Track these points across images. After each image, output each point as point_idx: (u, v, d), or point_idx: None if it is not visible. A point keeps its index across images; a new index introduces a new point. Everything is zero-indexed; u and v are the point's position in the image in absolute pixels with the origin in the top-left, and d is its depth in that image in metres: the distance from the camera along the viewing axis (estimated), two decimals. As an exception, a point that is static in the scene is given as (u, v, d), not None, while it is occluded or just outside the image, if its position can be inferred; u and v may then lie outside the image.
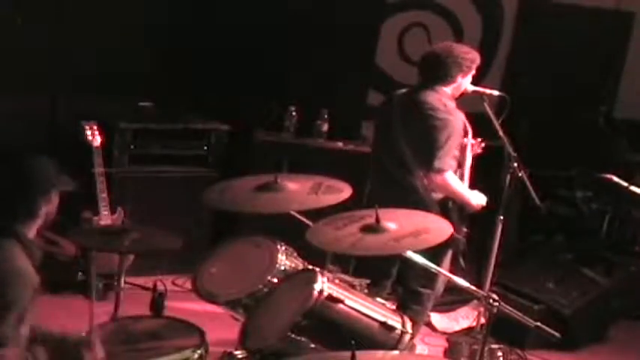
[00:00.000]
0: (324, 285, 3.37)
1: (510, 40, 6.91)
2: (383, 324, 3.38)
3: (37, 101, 5.67)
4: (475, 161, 4.69)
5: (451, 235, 3.67)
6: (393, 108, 4.60)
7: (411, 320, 3.54)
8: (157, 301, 3.81)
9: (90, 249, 4.37)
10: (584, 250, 6.20)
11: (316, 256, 3.80)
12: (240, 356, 3.40)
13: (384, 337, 3.35)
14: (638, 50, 7.07)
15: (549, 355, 5.05)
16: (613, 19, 7.01)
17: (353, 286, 3.65)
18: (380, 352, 2.93)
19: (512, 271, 5.65)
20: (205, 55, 6.03)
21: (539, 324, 3.49)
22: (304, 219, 3.76)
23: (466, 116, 4.55)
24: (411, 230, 3.45)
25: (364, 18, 6.43)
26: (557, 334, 3.49)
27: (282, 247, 3.86)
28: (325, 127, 6.04)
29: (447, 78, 4.49)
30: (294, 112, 6.02)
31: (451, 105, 4.47)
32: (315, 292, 3.33)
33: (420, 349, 4.67)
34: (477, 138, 4.67)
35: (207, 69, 6.03)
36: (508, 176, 4.53)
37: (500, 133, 4.50)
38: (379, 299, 3.65)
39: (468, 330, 5.22)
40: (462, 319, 5.49)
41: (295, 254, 3.90)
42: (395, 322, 3.41)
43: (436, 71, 4.49)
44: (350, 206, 3.73)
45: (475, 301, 5.28)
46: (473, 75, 4.60)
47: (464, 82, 4.56)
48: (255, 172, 4.25)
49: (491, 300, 3.45)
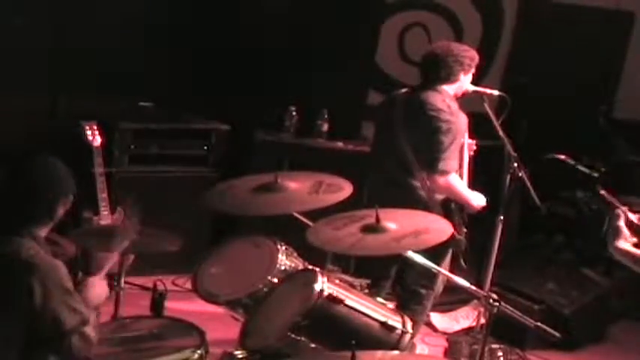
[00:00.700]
0: (324, 285, 3.37)
1: (510, 40, 6.90)
2: (383, 324, 3.38)
3: (37, 101, 5.67)
4: (474, 161, 4.69)
5: (452, 235, 3.67)
6: (394, 108, 4.58)
7: (411, 320, 3.54)
8: (157, 301, 3.81)
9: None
10: (584, 250, 6.20)
11: (316, 256, 3.80)
12: (240, 356, 3.40)
13: (384, 337, 3.35)
14: (638, 50, 7.06)
15: (549, 355, 5.05)
16: (613, 19, 7.01)
17: (353, 286, 3.65)
18: (380, 352, 2.92)
19: (512, 271, 5.64)
20: (205, 55, 6.03)
21: (539, 324, 3.49)
22: (304, 219, 3.76)
23: (466, 116, 4.55)
24: (411, 230, 3.45)
25: (364, 18, 6.43)
26: (557, 334, 3.49)
27: (282, 247, 3.85)
28: (325, 127, 6.04)
29: (449, 77, 4.48)
30: (294, 112, 6.02)
31: (454, 106, 4.46)
32: (315, 292, 3.33)
33: (420, 349, 4.67)
34: (471, 140, 4.67)
35: (207, 69, 6.03)
36: (508, 176, 4.53)
37: (500, 133, 4.50)
38: (379, 299, 3.65)
39: (468, 330, 5.22)
40: (462, 319, 5.49)
41: (295, 254, 3.90)
42: (395, 322, 3.41)
43: (438, 71, 4.48)
44: (350, 206, 3.73)
45: (475, 301, 5.27)
46: (472, 74, 4.60)
47: (465, 81, 4.55)
48: (255, 172, 4.25)
49: (491, 300, 3.45)
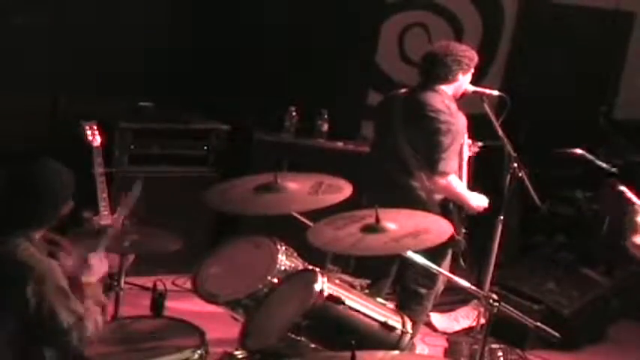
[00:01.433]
0: (324, 285, 3.37)
1: (510, 40, 6.90)
2: (383, 324, 3.38)
3: (37, 101, 5.67)
4: (474, 162, 4.69)
5: (451, 236, 3.67)
6: (393, 108, 4.58)
7: (411, 320, 3.55)
8: (157, 301, 3.81)
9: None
10: (584, 250, 6.19)
11: (316, 256, 3.80)
12: (240, 356, 3.40)
13: (384, 337, 3.35)
14: (638, 50, 7.06)
15: (549, 355, 5.06)
16: (613, 19, 7.00)
17: (353, 286, 3.65)
18: (380, 352, 2.92)
19: (512, 271, 5.65)
20: (205, 55, 6.03)
21: (539, 324, 3.49)
22: (304, 219, 3.76)
23: (465, 117, 4.55)
24: (411, 230, 3.45)
25: (364, 18, 6.43)
26: (557, 334, 3.49)
27: (282, 247, 3.86)
28: (325, 127, 6.04)
29: (448, 77, 4.48)
30: (294, 112, 6.02)
31: (453, 107, 4.46)
32: (315, 292, 3.33)
33: (420, 349, 4.68)
34: (470, 139, 4.66)
35: (207, 69, 6.03)
36: (508, 176, 4.53)
37: (500, 133, 4.50)
38: (379, 299, 3.65)
39: (468, 330, 5.22)
40: (462, 319, 5.49)
41: (295, 254, 3.90)
42: (395, 322, 3.41)
43: (437, 71, 4.48)
44: (350, 206, 3.73)
45: (475, 301, 5.28)
46: (472, 74, 4.60)
47: (464, 81, 4.55)
48: (255, 172, 4.24)
49: (491, 300, 3.45)
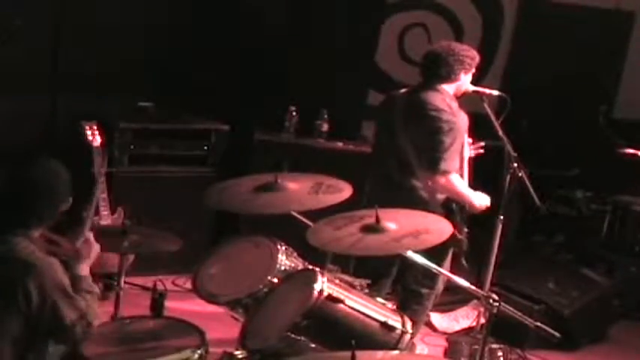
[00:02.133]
0: (324, 285, 3.37)
1: (510, 40, 6.91)
2: (383, 324, 3.38)
3: (37, 101, 5.67)
4: (474, 162, 4.69)
5: (452, 235, 3.67)
6: (394, 108, 4.58)
7: (411, 320, 3.54)
8: (157, 301, 3.81)
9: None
10: (584, 250, 6.20)
11: (316, 256, 3.80)
12: (240, 356, 3.39)
13: (384, 337, 3.35)
14: (638, 50, 7.07)
15: (549, 355, 5.05)
16: (613, 19, 7.01)
17: (353, 286, 3.64)
18: (380, 352, 2.92)
19: (512, 271, 5.64)
20: (205, 55, 6.03)
21: (539, 324, 3.49)
22: (304, 219, 3.76)
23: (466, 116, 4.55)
24: (411, 230, 3.45)
25: (364, 18, 6.43)
26: (557, 334, 3.49)
27: (282, 247, 3.85)
28: (325, 127, 6.04)
29: (450, 76, 4.48)
30: (294, 112, 6.02)
31: (455, 106, 4.46)
32: (315, 292, 3.33)
33: (420, 349, 4.67)
34: (471, 139, 4.66)
35: (207, 69, 6.03)
36: (508, 176, 4.53)
37: (500, 133, 4.50)
38: (379, 299, 3.64)
39: (468, 330, 5.22)
40: (462, 319, 5.49)
41: (295, 254, 3.89)
42: (395, 322, 3.41)
43: (439, 70, 4.47)
44: (350, 206, 3.73)
45: (475, 301, 5.28)
46: (472, 74, 4.60)
47: (465, 81, 4.55)
48: (255, 172, 4.24)
49: (491, 300, 3.45)
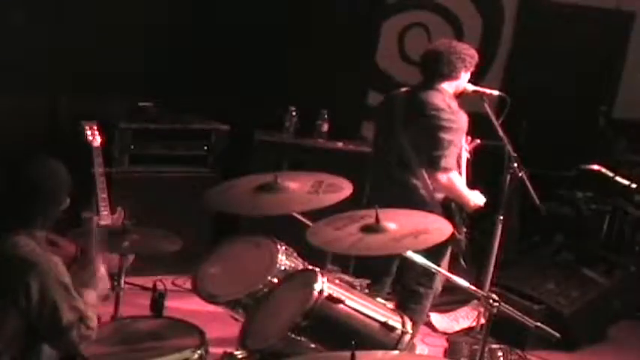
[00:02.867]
0: (324, 285, 3.37)
1: (510, 40, 6.91)
2: (383, 324, 3.38)
3: (37, 101, 5.67)
4: (475, 161, 4.69)
5: (452, 235, 3.67)
6: (394, 108, 4.59)
7: (411, 320, 3.54)
8: (157, 301, 3.81)
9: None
10: (584, 250, 6.19)
11: (316, 256, 3.80)
12: (240, 356, 3.39)
13: (384, 337, 3.35)
14: (638, 50, 7.06)
15: (549, 355, 5.05)
16: (613, 19, 7.01)
17: (353, 286, 3.64)
18: (380, 352, 2.92)
19: (512, 272, 5.64)
20: (205, 55, 6.03)
21: (539, 324, 3.49)
22: (304, 219, 3.76)
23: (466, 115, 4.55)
24: (411, 230, 3.45)
25: (364, 18, 6.43)
26: (557, 334, 3.49)
27: (282, 247, 3.85)
28: (325, 127, 6.04)
29: (451, 74, 4.48)
30: (294, 112, 6.02)
31: (454, 105, 4.46)
32: (315, 292, 3.32)
33: (420, 349, 4.67)
34: (468, 137, 4.66)
35: (207, 69, 6.03)
36: (508, 176, 4.53)
37: (500, 133, 4.50)
38: (379, 299, 3.64)
39: (468, 330, 5.22)
40: (462, 319, 5.49)
41: (295, 254, 3.90)
42: (395, 322, 3.41)
43: (440, 68, 4.47)
44: (350, 206, 3.73)
45: (475, 301, 5.28)
46: (472, 74, 4.60)
47: (464, 80, 4.55)
48: (255, 172, 4.25)
49: (491, 300, 3.45)
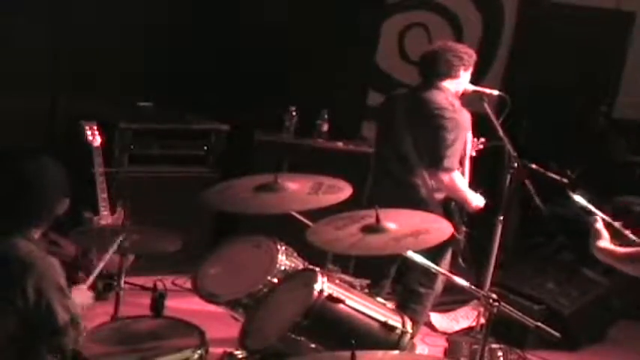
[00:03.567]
0: (324, 285, 3.37)
1: (510, 40, 6.91)
2: (383, 324, 3.38)
3: (37, 101, 5.67)
4: (475, 161, 4.69)
5: (452, 235, 3.67)
6: (395, 108, 4.59)
7: (411, 320, 3.54)
8: (157, 301, 3.81)
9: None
10: (584, 250, 6.18)
11: (316, 256, 3.80)
12: (240, 356, 3.40)
13: (384, 337, 3.35)
14: (638, 50, 7.06)
15: (549, 355, 5.05)
16: (613, 19, 7.01)
17: (353, 286, 3.64)
18: (380, 352, 2.92)
19: (512, 272, 5.64)
20: (205, 55, 6.03)
21: (539, 324, 3.48)
22: (304, 219, 3.76)
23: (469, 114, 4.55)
24: (411, 230, 3.45)
25: (364, 18, 6.43)
26: (557, 334, 3.49)
27: (282, 247, 3.85)
28: (325, 127, 6.04)
29: (450, 72, 4.48)
30: (294, 112, 6.02)
31: (457, 104, 4.47)
32: (315, 292, 3.32)
33: (420, 349, 4.67)
34: (475, 138, 4.67)
35: (207, 69, 6.03)
36: (508, 176, 4.53)
37: (500, 133, 4.50)
38: (379, 299, 3.64)
39: (468, 330, 5.22)
40: (462, 319, 5.49)
41: (295, 254, 3.89)
42: (395, 322, 3.41)
43: (439, 67, 4.48)
44: (350, 206, 3.73)
45: (475, 301, 5.27)
46: (472, 74, 4.60)
47: (465, 79, 4.55)
48: (255, 172, 4.24)
49: (491, 300, 3.45)
